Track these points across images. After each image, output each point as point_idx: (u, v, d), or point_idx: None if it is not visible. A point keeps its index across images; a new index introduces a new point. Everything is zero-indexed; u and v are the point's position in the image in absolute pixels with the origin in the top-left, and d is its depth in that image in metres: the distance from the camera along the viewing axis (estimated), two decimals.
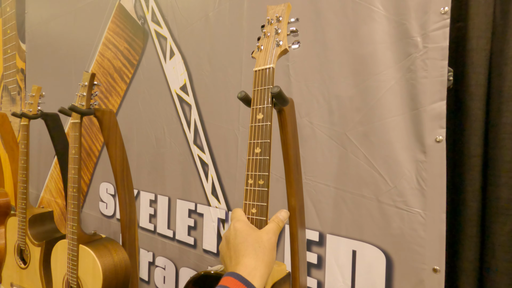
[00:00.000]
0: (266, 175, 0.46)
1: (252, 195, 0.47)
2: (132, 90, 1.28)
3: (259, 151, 0.47)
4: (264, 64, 0.49)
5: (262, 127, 0.48)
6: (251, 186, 0.47)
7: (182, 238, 1.08)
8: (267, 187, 0.46)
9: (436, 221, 0.61)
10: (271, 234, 0.42)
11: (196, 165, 1.04)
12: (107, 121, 0.83)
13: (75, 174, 0.77)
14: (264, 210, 0.46)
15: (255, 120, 0.48)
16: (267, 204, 0.46)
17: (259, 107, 0.48)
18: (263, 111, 0.48)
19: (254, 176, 0.47)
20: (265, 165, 0.47)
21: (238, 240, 0.41)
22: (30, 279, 0.99)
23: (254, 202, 0.47)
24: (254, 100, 0.49)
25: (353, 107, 0.72)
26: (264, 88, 0.48)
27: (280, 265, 0.58)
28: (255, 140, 0.48)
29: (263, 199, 0.46)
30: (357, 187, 0.71)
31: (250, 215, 0.47)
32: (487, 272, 0.60)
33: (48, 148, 1.79)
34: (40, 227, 1.03)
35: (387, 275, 0.67)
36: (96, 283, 0.72)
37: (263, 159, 0.47)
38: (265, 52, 0.50)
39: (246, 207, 0.48)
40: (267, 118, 0.47)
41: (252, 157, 0.48)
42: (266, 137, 0.47)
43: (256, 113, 0.48)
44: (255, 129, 0.48)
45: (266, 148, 0.47)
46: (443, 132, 0.61)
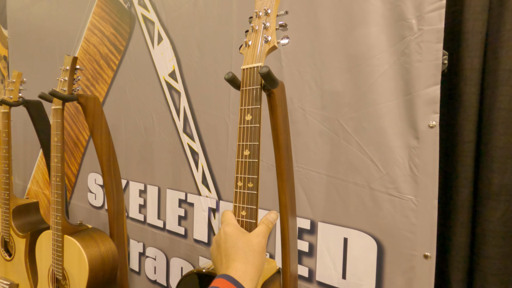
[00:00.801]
0: (256, 178, 0.46)
1: (242, 198, 0.47)
2: (119, 77, 1.23)
3: (248, 153, 0.46)
4: (252, 62, 0.47)
5: (251, 129, 0.46)
6: (241, 189, 0.47)
7: (172, 228, 1.07)
8: (256, 190, 0.45)
9: (428, 207, 0.60)
10: (261, 237, 0.43)
11: (186, 154, 1.02)
12: (91, 108, 0.79)
13: (58, 162, 0.74)
14: (254, 213, 0.45)
15: (243, 121, 0.47)
16: (256, 207, 0.45)
17: (247, 107, 0.46)
18: (252, 112, 0.46)
19: (243, 178, 0.46)
20: (255, 168, 0.45)
21: (228, 244, 0.41)
22: (16, 271, 0.96)
23: (243, 205, 0.46)
24: (242, 100, 0.47)
25: (346, 92, 0.70)
26: (252, 88, 0.46)
27: (270, 262, 0.57)
28: (244, 142, 0.46)
29: (252, 202, 0.46)
30: (349, 174, 0.70)
31: (240, 218, 0.46)
32: (478, 258, 0.59)
33: (34, 138, 1.73)
34: (25, 218, 1.00)
35: (378, 262, 0.66)
36: (82, 274, 0.70)
37: (252, 162, 0.46)
38: (253, 48, 0.48)
39: (236, 209, 0.47)
40: (256, 119, 0.46)
41: (241, 159, 0.47)
42: (255, 139, 0.46)
43: (244, 114, 0.47)
44: (243, 131, 0.47)
45: (255, 150, 0.46)
46: (436, 118, 0.59)
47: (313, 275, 0.75)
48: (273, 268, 0.55)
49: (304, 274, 0.76)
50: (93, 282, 0.71)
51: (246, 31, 0.51)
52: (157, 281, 1.12)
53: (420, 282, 0.61)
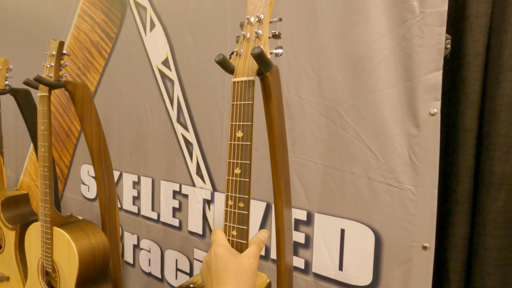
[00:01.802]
0: (247, 198, 0.43)
1: (232, 217, 0.45)
2: (111, 66, 1.20)
3: (239, 172, 0.44)
4: (243, 75, 0.44)
5: (242, 146, 0.44)
6: (231, 208, 0.45)
7: (166, 220, 1.05)
8: (247, 211, 0.43)
9: (427, 197, 0.59)
10: (252, 259, 0.42)
11: (180, 145, 0.99)
12: (80, 95, 0.76)
13: (45, 152, 0.71)
14: (245, 233, 0.44)
15: (234, 138, 0.44)
16: (247, 228, 0.44)
17: (238, 124, 0.44)
18: (243, 128, 0.43)
19: (234, 198, 0.44)
20: (246, 187, 0.43)
21: (219, 267, 0.40)
22: (6, 264, 0.94)
23: (234, 225, 0.44)
24: (233, 115, 0.44)
25: (344, 79, 0.67)
26: (244, 104, 0.44)
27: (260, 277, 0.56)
28: (235, 159, 0.44)
29: (243, 223, 0.44)
30: (346, 164, 0.68)
31: (231, 237, 0.45)
32: (477, 249, 0.58)
33: (25, 129, 1.69)
34: (14, 210, 0.97)
35: (375, 253, 0.65)
36: (72, 266, 0.68)
37: (243, 181, 0.43)
38: (244, 59, 0.45)
39: (226, 228, 0.45)
40: (248, 137, 0.43)
41: (231, 178, 0.44)
42: (247, 157, 0.43)
43: (235, 130, 0.44)
44: (234, 148, 0.44)
45: (247, 169, 0.43)
46: (438, 105, 0.57)
47: (309, 267, 0.74)
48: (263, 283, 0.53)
49: (300, 266, 0.75)
50: (83, 275, 0.69)
51: (237, 37, 0.48)
52: (152, 273, 1.11)
53: (418, 273, 0.60)
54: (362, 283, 0.67)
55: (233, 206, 0.44)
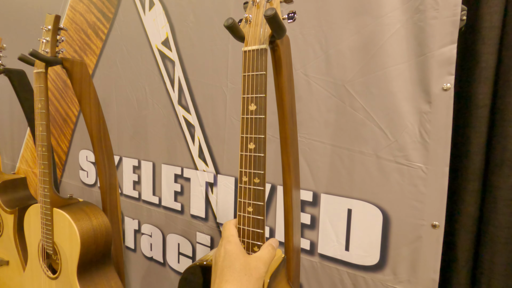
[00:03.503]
0: (262, 173, 0.41)
1: (248, 194, 0.43)
2: (108, 48, 1.16)
3: (253, 147, 0.41)
4: (255, 43, 0.41)
5: (256, 120, 0.41)
6: (246, 184, 0.43)
7: (168, 204, 1.03)
8: (263, 186, 0.42)
9: (438, 175, 0.58)
10: (261, 264, 0.39)
11: (181, 127, 0.97)
12: (78, 74, 0.73)
13: (43, 131, 0.69)
14: (261, 209, 0.42)
15: (247, 111, 0.42)
16: (263, 204, 0.42)
17: (251, 96, 0.41)
18: (256, 101, 0.41)
19: (248, 173, 0.42)
20: (261, 163, 0.41)
21: (226, 264, 0.39)
22: (5, 248, 0.93)
23: (250, 201, 0.43)
24: (245, 88, 0.42)
25: (353, 55, 0.65)
26: (256, 74, 0.41)
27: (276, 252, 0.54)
28: (248, 134, 0.42)
29: (259, 198, 0.42)
30: (355, 143, 0.66)
31: (246, 214, 0.43)
32: (486, 227, 0.57)
33: (21, 115, 1.65)
34: (12, 194, 0.95)
35: (383, 233, 0.64)
36: (74, 248, 0.67)
37: (258, 156, 0.41)
38: (255, 27, 0.42)
39: (241, 205, 0.43)
40: (261, 110, 0.41)
41: (245, 153, 0.42)
42: (261, 131, 0.41)
43: (248, 103, 0.41)
44: (247, 122, 0.42)
45: (261, 144, 0.41)
46: (451, 79, 0.55)
47: (314, 248, 0.73)
48: (278, 258, 0.52)
49: (305, 247, 0.74)
50: (85, 257, 0.68)
51: (244, 2, 0.45)
52: (154, 257, 1.10)
53: (427, 252, 0.60)
54: (369, 263, 0.66)
55: (248, 182, 0.42)
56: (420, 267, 0.61)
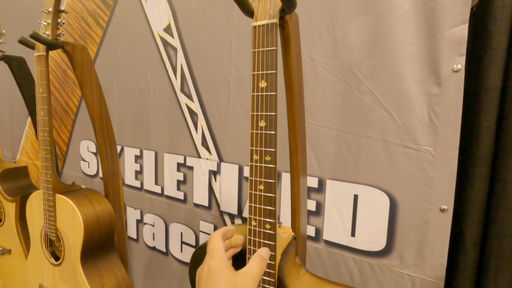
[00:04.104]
0: (273, 151, 0.41)
1: (259, 172, 0.42)
2: (109, 36, 1.14)
3: (264, 124, 0.41)
4: (265, 18, 0.40)
5: (267, 97, 0.41)
6: (257, 162, 0.42)
7: (171, 193, 1.03)
8: (274, 164, 0.41)
9: (447, 158, 0.57)
10: (249, 281, 0.35)
11: (184, 115, 0.96)
12: (79, 58, 0.72)
13: (44, 116, 0.68)
14: (273, 186, 0.42)
15: (257, 88, 0.41)
16: (275, 181, 0.42)
17: (261, 73, 0.40)
18: (267, 78, 0.40)
19: (259, 152, 0.42)
20: (272, 140, 0.41)
21: (209, 283, 0.35)
22: (7, 237, 0.92)
23: (261, 179, 0.42)
24: (254, 64, 0.41)
25: (360, 38, 0.64)
26: (266, 50, 0.40)
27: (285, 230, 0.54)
28: (259, 112, 0.41)
29: (270, 176, 0.42)
30: (361, 128, 0.65)
31: (258, 192, 0.43)
32: (495, 211, 0.57)
33: (21, 106, 1.64)
34: (14, 183, 0.94)
35: (390, 218, 0.63)
36: (77, 233, 0.66)
37: (269, 134, 0.41)
38: (264, 0, 0.41)
39: (252, 183, 0.43)
40: (272, 87, 0.40)
41: (256, 131, 0.42)
42: (272, 109, 0.40)
43: (258, 80, 0.41)
44: (257, 100, 0.41)
45: (272, 121, 0.41)
46: (462, 60, 0.54)
47: (320, 234, 0.73)
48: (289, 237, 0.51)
49: (311, 234, 0.74)
50: (89, 242, 0.67)
51: None
52: (156, 247, 1.10)
53: (435, 237, 0.59)
54: (375, 249, 0.66)
55: (259, 160, 0.41)
56: (427, 252, 0.60)
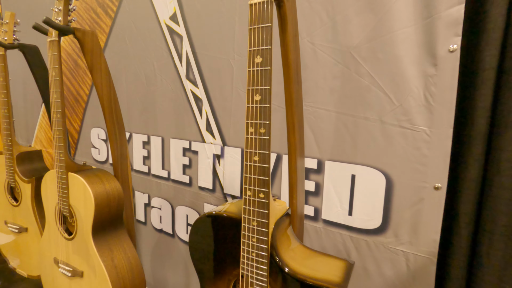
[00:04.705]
0: (267, 123, 0.44)
1: (254, 144, 0.45)
2: (117, 25, 1.18)
3: (259, 98, 0.43)
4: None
5: (262, 72, 0.43)
6: (252, 135, 0.45)
7: (177, 177, 1.07)
8: (268, 136, 0.44)
9: (442, 137, 0.58)
10: None
11: (189, 101, 0.99)
12: (89, 43, 0.75)
13: (57, 98, 0.72)
14: (266, 157, 0.44)
15: (253, 64, 0.43)
16: (269, 152, 0.44)
17: (257, 49, 0.43)
18: (262, 53, 0.43)
19: (254, 124, 0.44)
20: (266, 113, 0.43)
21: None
22: (23, 216, 0.98)
23: (256, 150, 0.45)
24: (251, 41, 0.43)
25: (360, 20, 0.65)
26: (262, 27, 0.42)
27: (280, 203, 0.57)
28: (254, 86, 0.44)
29: (265, 147, 0.44)
30: (359, 109, 0.67)
31: (253, 163, 0.45)
32: (490, 189, 0.58)
33: (35, 97, 1.70)
34: (29, 165, 0.99)
35: (386, 197, 0.65)
36: (88, 209, 0.70)
37: (264, 107, 0.43)
38: None
39: (247, 155, 0.46)
40: (267, 62, 0.43)
41: (251, 105, 0.44)
42: (267, 83, 0.43)
43: (254, 56, 0.43)
44: (253, 74, 0.44)
45: (267, 95, 0.43)
46: (458, 40, 0.55)
47: (318, 214, 0.75)
48: (283, 209, 0.54)
49: (309, 214, 0.76)
50: (99, 218, 0.71)
51: None
52: (163, 229, 1.14)
53: (429, 214, 0.61)
54: (371, 227, 0.68)
55: (254, 133, 0.44)
56: (421, 229, 0.62)
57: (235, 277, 0.50)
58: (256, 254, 0.45)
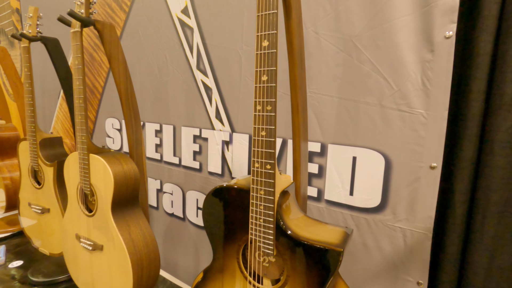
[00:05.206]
0: (273, 101, 0.48)
1: (261, 120, 0.49)
2: (131, 20, 1.23)
3: (265, 78, 0.48)
4: None
5: (268, 54, 0.47)
6: (260, 112, 0.49)
7: (187, 163, 1.12)
8: (274, 112, 0.48)
9: (438, 119, 0.62)
10: None
11: (199, 91, 1.04)
12: (108, 35, 0.81)
13: (80, 85, 0.78)
14: (273, 132, 0.49)
15: (260, 47, 0.48)
16: (275, 127, 0.49)
17: (264, 33, 0.47)
18: (268, 37, 0.47)
19: (262, 102, 0.49)
20: (272, 92, 0.48)
21: None
22: (46, 198, 1.05)
23: (263, 126, 0.49)
24: (258, 27, 0.48)
25: (361, 10, 0.69)
26: (268, 13, 0.47)
27: (286, 177, 0.61)
28: (262, 68, 0.48)
29: (271, 123, 0.49)
30: (360, 95, 0.71)
31: (260, 137, 0.50)
32: (483, 168, 0.62)
33: (52, 90, 1.79)
34: (51, 150, 1.06)
35: (385, 177, 0.69)
36: (108, 187, 0.76)
37: (270, 87, 0.48)
38: None
39: (255, 131, 0.50)
40: (273, 45, 0.47)
41: (259, 85, 0.49)
42: (273, 64, 0.47)
43: (261, 40, 0.48)
44: (261, 57, 0.48)
45: (273, 75, 0.47)
46: (453, 27, 0.59)
47: (321, 195, 0.80)
48: (288, 181, 0.59)
49: (313, 194, 0.81)
50: (118, 196, 0.77)
51: None
52: (174, 213, 1.20)
53: (425, 192, 0.65)
54: (371, 205, 0.72)
55: (261, 110, 0.49)
56: (418, 206, 0.66)
57: (244, 242, 0.55)
58: (263, 220, 0.50)
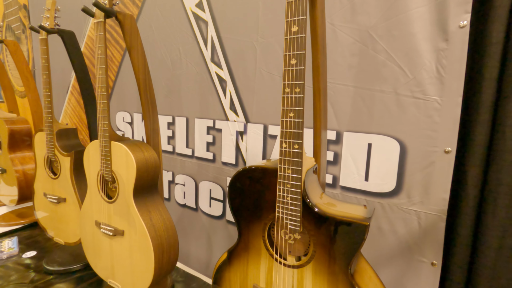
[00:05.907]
0: (302, 83, 0.51)
1: (290, 102, 0.52)
2: (144, 14, 1.26)
3: (294, 62, 0.50)
4: None
5: (297, 39, 0.50)
6: (288, 94, 0.52)
7: (200, 154, 1.14)
8: (302, 94, 0.51)
9: (452, 105, 0.65)
10: None
11: (213, 83, 1.07)
12: (129, 25, 0.83)
13: (102, 74, 0.80)
14: (301, 113, 0.51)
15: (289, 32, 0.50)
16: (303, 108, 0.51)
17: (293, 19, 0.50)
18: (298, 23, 0.50)
19: (290, 85, 0.51)
20: (301, 74, 0.50)
21: None
22: (62, 188, 1.07)
23: (291, 107, 0.52)
24: (288, 12, 0.50)
25: (377, 2, 0.72)
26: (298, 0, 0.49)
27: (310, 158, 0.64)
28: (291, 52, 0.51)
29: (299, 104, 0.51)
30: (375, 83, 0.74)
31: (288, 118, 0.52)
32: (495, 153, 0.64)
33: (60, 85, 1.80)
34: (66, 141, 1.08)
35: (400, 162, 0.72)
36: (130, 173, 0.79)
37: (299, 70, 0.50)
38: None
39: (284, 112, 0.52)
40: (302, 30, 0.49)
41: (288, 68, 0.51)
42: (301, 48, 0.50)
43: (290, 25, 0.50)
44: (290, 42, 0.50)
45: (301, 58, 0.50)
46: (467, 17, 0.62)
47: (336, 181, 0.82)
48: (312, 162, 0.61)
49: (328, 181, 0.83)
50: (139, 181, 0.80)
51: None
52: (187, 204, 1.22)
53: (439, 175, 0.67)
54: (386, 190, 0.75)
55: (290, 92, 0.51)
56: (432, 189, 0.69)
57: (270, 220, 0.57)
58: (290, 198, 0.53)
